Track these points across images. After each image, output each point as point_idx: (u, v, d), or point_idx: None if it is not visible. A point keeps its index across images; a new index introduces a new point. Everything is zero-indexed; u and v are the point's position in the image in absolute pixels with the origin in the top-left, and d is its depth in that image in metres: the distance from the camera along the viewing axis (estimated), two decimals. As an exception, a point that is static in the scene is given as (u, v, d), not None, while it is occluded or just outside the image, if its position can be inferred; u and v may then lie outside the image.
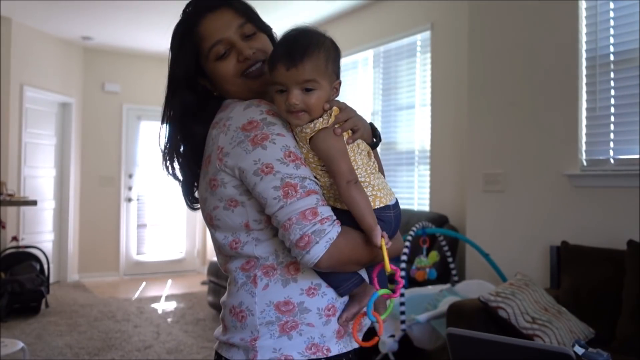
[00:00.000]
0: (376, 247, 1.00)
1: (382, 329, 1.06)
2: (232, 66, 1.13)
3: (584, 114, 3.07)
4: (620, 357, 2.24)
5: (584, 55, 3.08)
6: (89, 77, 6.94)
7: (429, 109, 4.46)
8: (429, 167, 4.45)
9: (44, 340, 4.28)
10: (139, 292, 6.26)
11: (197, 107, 1.16)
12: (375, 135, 1.14)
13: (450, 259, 3.42)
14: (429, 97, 4.47)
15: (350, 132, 1.06)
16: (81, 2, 5.16)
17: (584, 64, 3.07)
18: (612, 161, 2.95)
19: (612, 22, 2.97)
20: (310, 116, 1.03)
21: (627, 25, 2.89)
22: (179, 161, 1.20)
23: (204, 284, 6.38)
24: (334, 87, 1.07)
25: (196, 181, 1.20)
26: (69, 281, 6.69)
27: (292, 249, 1.00)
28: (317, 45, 1.03)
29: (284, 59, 1.02)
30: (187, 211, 7.69)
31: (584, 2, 3.08)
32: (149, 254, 7.41)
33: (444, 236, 3.51)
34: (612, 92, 2.96)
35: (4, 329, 4.53)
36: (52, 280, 6.10)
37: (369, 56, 5.20)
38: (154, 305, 5.58)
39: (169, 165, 1.20)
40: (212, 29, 1.13)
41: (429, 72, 4.47)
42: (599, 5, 3.01)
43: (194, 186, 1.22)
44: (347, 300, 1.11)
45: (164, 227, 7.54)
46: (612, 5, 2.96)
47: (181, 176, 1.22)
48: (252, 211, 1.06)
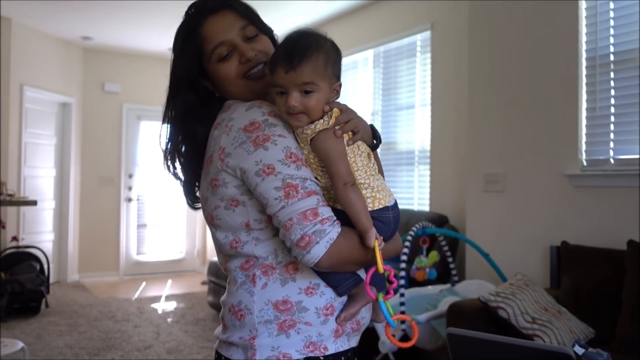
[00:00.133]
0: (369, 248, 1.01)
1: (416, 333, 1.07)
2: (234, 68, 1.14)
3: (584, 114, 3.07)
4: (620, 357, 2.25)
5: (584, 55, 3.08)
6: (89, 77, 6.94)
7: (429, 108, 4.47)
8: (429, 167, 4.46)
9: (44, 340, 4.28)
10: (139, 292, 6.26)
11: (199, 107, 1.17)
12: (375, 137, 1.15)
13: (450, 259, 3.42)
14: (429, 97, 4.47)
15: (350, 133, 1.06)
16: (81, 2, 5.16)
17: (584, 64, 3.08)
18: (612, 161, 2.95)
19: (612, 22, 2.97)
20: (309, 118, 1.04)
21: (627, 25, 2.89)
22: (180, 161, 1.21)
23: (204, 284, 6.39)
24: (334, 89, 1.07)
25: (197, 181, 1.21)
26: (69, 281, 6.69)
27: (292, 249, 1.01)
28: (317, 47, 1.04)
29: (283, 62, 1.03)
30: (187, 211, 7.72)
31: (584, 2, 3.08)
32: (149, 254, 7.42)
33: (444, 236, 3.51)
34: (612, 92, 2.96)
35: (4, 329, 4.53)
36: (52, 280, 6.11)
37: (369, 56, 5.20)
38: (154, 305, 5.58)
39: (171, 164, 1.21)
40: (215, 30, 1.15)
41: (429, 72, 4.47)
42: (599, 5, 3.01)
43: (195, 186, 1.23)
44: (346, 300, 1.12)
45: (164, 227, 7.54)
46: (612, 5, 2.96)
47: (182, 176, 1.23)
48: (252, 211, 1.07)
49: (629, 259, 2.60)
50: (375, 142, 1.15)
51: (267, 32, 1.22)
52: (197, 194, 1.24)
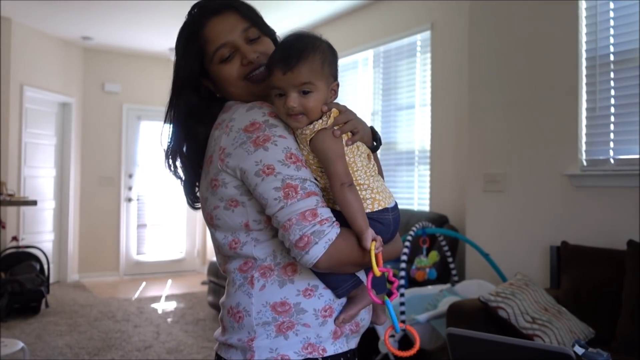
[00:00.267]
0: (366, 250, 1.01)
1: (418, 340, 1.06)
2: (235, 69, 1.15)
3: (584, 114, 3.07)
4: (620, 357, 2.25)
5: (584, 55, 3.08)
6: (89, 77, 6.94)
7: (429, 109, 4.47)
8: (429, 167, 4.45)
9: (44, 340, 4.28)
10: (139, 292, 6.26)
11: (201, 108, 1.18)
12: (375, 138, 1.15)
13: (450, 259, 3.42)
14: (429, 97, 4.47)
15: (349, 134, 1.06)
16: (81, 2, 5.16)
17: (584, 64, 3.08)
18: (612, 161, 2.95)
19: (612, 22, 2.97)
20: (308, 118, 1.04)
21: (627, 25, 2.89)
22: (181, 160, 1.21)
23: (204, 284, 6.39)
24: (331, 89, 1.08)
25: (198, 181, 1.21)
26: (69, 281, 6.69)
27: (291, 250, 1.01)
28: (313, 48, 1.04)
29: (281, 63, 1.03)
30: (187, 211, 7.72)
31: (584, 2, 3.08)
32: (149, 254, 7.41)
33: (444, 236, 3.51)
34: (612, 92, 2.96)
35: (4, 329, 4.53)
36: (52, 280, 6.11)
37: (369, 56, 5.20)
38: (154, 305, 5.58)
39: (172, 164, 1.22)
40: (217, 31, 1.15)
41: (429, 72, 4.47)
42: (599, 5, 3.01)
43: (196, 186, 1.24)
44: (345, 301, 1.11)
45: (164, 227, 7.54)
46: (612, 5, 2.96)
47: (183, 175, 1.23)
48: (252, 211, 1.07)
49: (629, 259, 2.60)
50: (375, 144, 1.15)
51: (270, 34, 1.22)
52: (198, 194, 1.24)
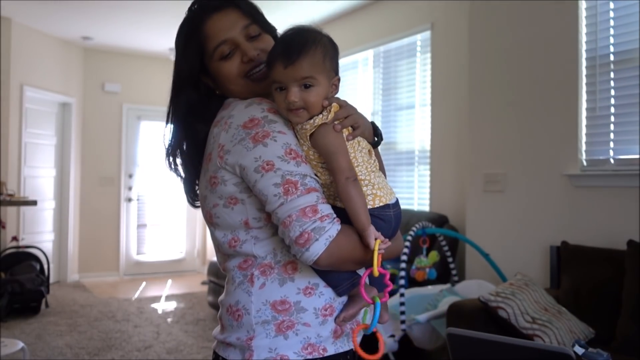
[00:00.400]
0: (368, 247, 1.00)
1: (382, 347, 1.03)
2: (235, 66, 1.14)
3: (584, 114, 3.07)
4: (620, 357, 2.24)
5: (584, 55, 3.08)
6: (89, 77, 6.94)
7: (429, 109, 4.46)
8: (429, 167, 4.45)
9: (44, 340, 4.28)
10: (139, 292, 6.26)
11: (201, 105, 1.17)
12: (376, 134, 1.14)
13: (450, 259, 3.42)
14: (429, 97, 4.47)
15: (350, 128, 1.06)
16: (81, 2, 5.16)
17: (584, 64, 3.07)
18: (612, 161, 2.95)
19: (612, 22, 2.97)
20: (309, 113, 1.04)
21: (627, 25, 2.89)
22: (181, 158, 1.20)
23: (204, 284, 6.38)
24: (332, 83, 1.07)
25: (198, 179, 1.21)
26: (69, 281, 6.69)
27: (291, 246, 1.00)
28: (314, 42, 1.03)
29: (282, 57, 1.02)
30: (187, 211, 7.71)
31: (584, 2, 3.08)
32: (149, 254, 7.41)
33: (444, 236, 3.50)
34: (612, 92, 2.96)
35: (4, 329, 4.53)
36: (52, 280, 6.10)
37: (369, 56, 5.19)
38: (154, 305, 5.58)
39: (172, 162, 1.21)
40: (218, 28, 1.14)
41: (429, 72, 4.47)
42: (599, 5, 3.01)
43: (196, 184, 1.23)
44: (346, 300, 1.10)
45: (164, 227, 7.54)
46: (612, 5, 2.96)
47: (183, 173, 1.23)
48: (251, 209, 1.06)
49: (629, 259, 2.60)
50: (376, 139, 1.14)
51: (271, 31, 1.21)
52: (198, 191, 1.23)
